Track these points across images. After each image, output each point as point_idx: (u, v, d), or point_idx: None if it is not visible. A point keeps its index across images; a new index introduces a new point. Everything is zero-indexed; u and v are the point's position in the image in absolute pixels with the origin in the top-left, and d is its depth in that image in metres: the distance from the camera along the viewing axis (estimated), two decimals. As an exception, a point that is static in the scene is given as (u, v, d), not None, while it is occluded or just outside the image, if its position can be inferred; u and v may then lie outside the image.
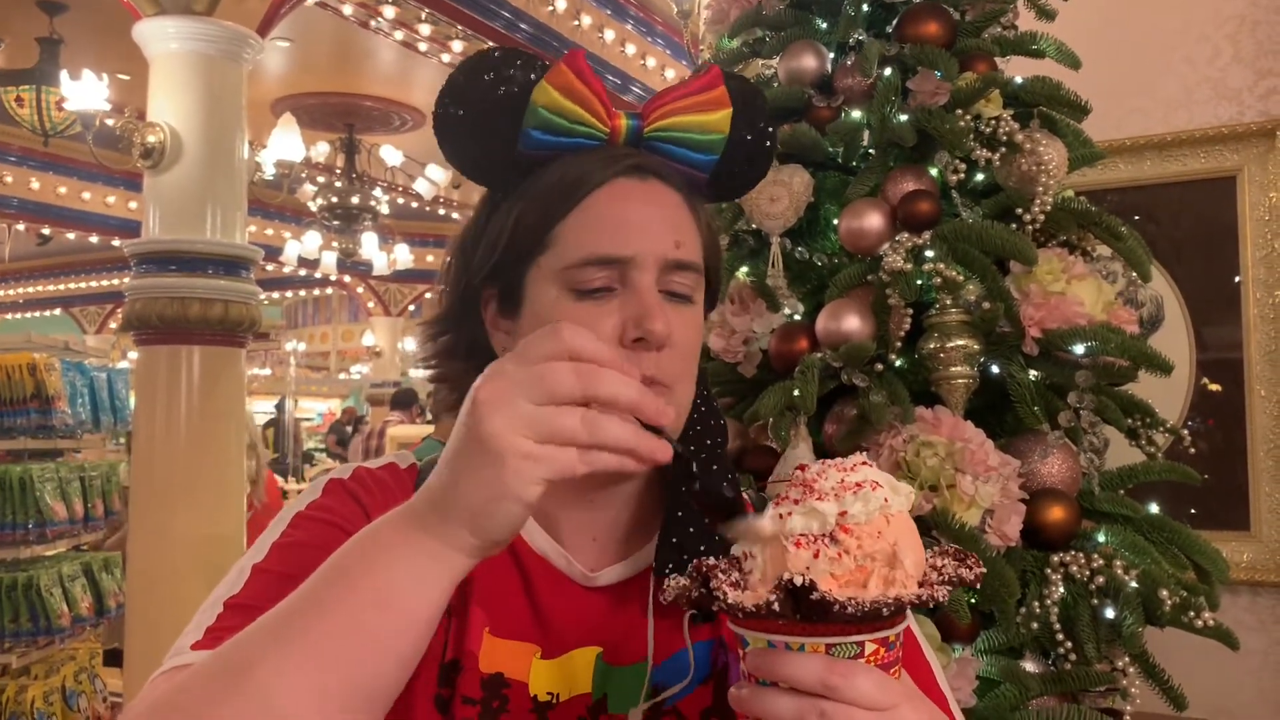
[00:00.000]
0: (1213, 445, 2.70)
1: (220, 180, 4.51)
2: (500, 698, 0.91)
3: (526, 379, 0.72)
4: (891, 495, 0.71)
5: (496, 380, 0.72)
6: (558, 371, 0.72)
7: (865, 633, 0.69)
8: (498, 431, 0.71)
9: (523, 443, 0.71)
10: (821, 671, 0.68)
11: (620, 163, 0.95)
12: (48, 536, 4.45)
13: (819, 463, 0.74)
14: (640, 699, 0.91)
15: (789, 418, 1.78)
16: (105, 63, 6.57)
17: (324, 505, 0.97)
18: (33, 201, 10.58)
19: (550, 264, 0.94)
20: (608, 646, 0.95)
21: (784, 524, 0.70)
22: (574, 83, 0.93)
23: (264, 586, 0.89)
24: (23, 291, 16.22)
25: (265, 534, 0.96)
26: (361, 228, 9.62)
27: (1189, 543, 1.82)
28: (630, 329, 0.91)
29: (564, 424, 0.71)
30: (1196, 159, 2.72)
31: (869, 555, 0.69)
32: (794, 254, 1.96)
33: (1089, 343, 1.73)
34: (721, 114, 0.97)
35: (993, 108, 1.88)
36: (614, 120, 0.96)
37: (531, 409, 0.71)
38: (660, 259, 0.93)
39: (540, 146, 0.94)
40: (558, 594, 0.96)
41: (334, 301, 18.18)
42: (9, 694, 4.40)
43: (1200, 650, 1.85)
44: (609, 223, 0.93)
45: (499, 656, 0.92)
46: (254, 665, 0.73)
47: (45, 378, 4.47)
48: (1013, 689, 1.65)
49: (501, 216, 0.97)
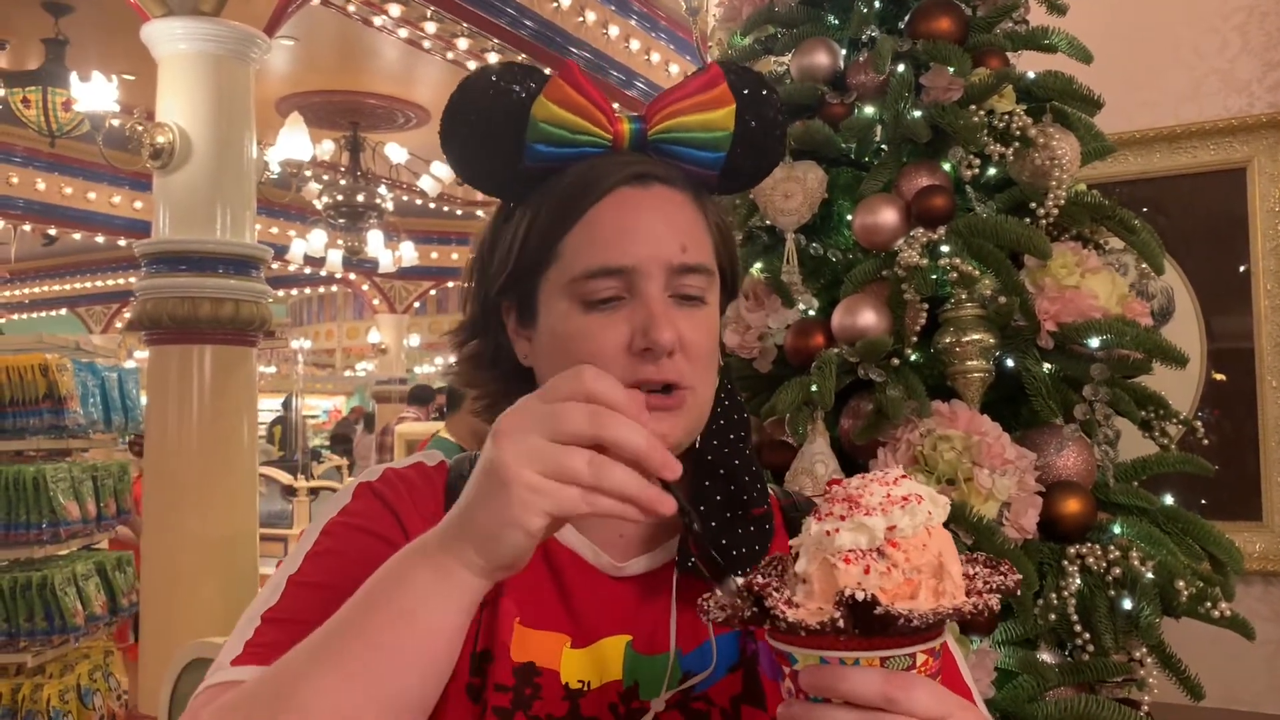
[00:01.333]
0: (1223, 436, 2.70)
1: (229, 180, 4.53)
2: (532, 685, 0.93)
3: (542, 415, 0.74)
4: (933, 508, 0.72)
5: (517, 413, 0.76)
6: (571, 410, 0.74)
7: (917, 644, 0.70)
8: (507, 461, 0.73)
9: (529, 475, 0.73)
10: (882, 685, 0.68)
11: (622, 171, 0.96)
12: (61, 536, 4.47)
13: (858, 477, 0.74)
14: (664, 686, 0.93)
15: (806, 413, 1.79)
16: (110, 63, 6.58)
17: (353, 510, 0.99)
18: (38, 202, 10.60)
19: (558, 277, 0.95)
20: (638, 635, 0.96)
21: (831, 540, 0.71)
22: (571, 95, 0.94)
23: (299, 598, 0.91)
24: (29, 291, 16.25)
25: (300, 543, 0.98)
26: (367, 225, 9.63)
27: (1204, 534, 1.83)
28: (638, 338, 0.92)
29: (570, 463, 0.73)
30: (1206, 151, 2.73)
31: (916, 568, 0.69)
32: (809, 250, 1.97)
33: (1103, 336, 1.73)
34: (725, 111, 0.97)
35: (1006, 103, 1.88)
36: (616, 126, 0.96)
37: (542, 443, 0.73)
38: (665, 265, 0.93)
39: (545, 159, 0.96)
40: (587, 584, 0.98)
41: (339, 299, 18.17)
42: (25, 692, 4.41)
43: (1214, 640, 1.86)
44: (612, 233, 0.94)
45: (530, 646, 0.94)
46: (294, 686, 0.77)
47: (57, 378, 4.48)
48: (1030, 680, 1.66)
49: (512, 228, 0.99)
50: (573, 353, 0.94)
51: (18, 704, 4.42)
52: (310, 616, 0.83)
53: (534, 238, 0.97)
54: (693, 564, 0.94)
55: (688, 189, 0.99)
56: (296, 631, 0.82)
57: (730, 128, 0.97)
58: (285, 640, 0.83)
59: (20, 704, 4.42)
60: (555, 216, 0.96)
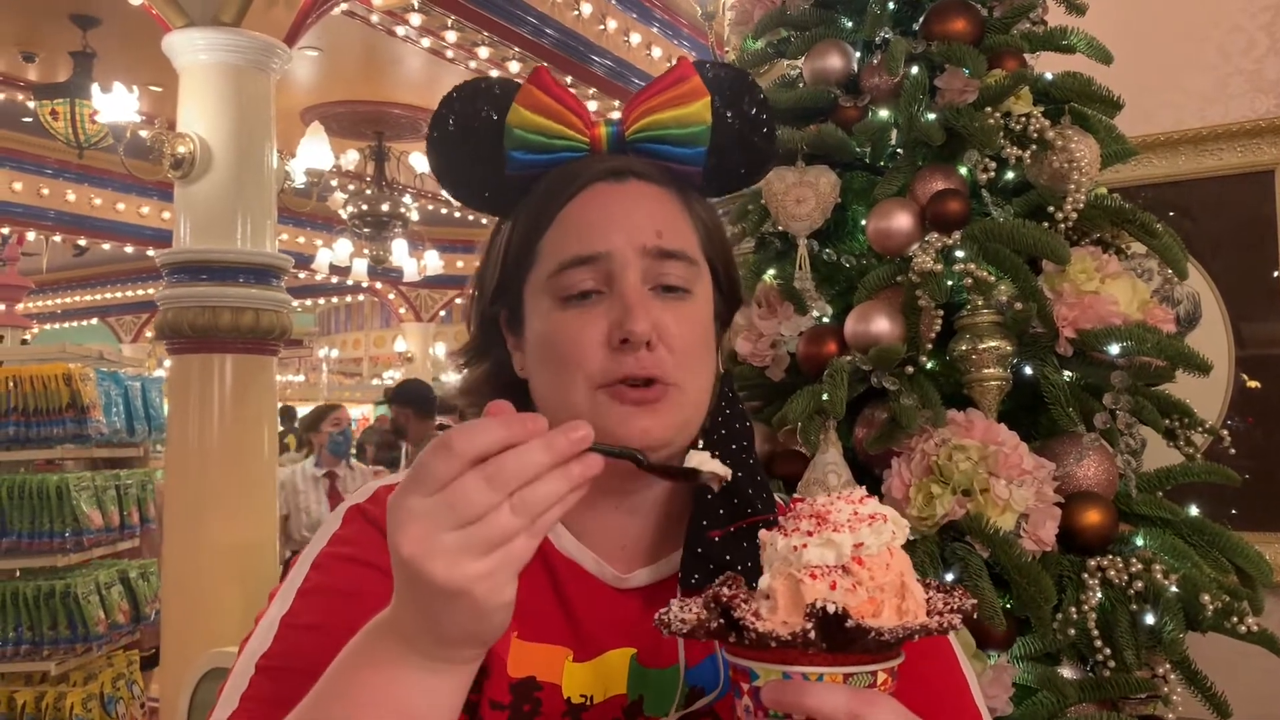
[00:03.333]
0: (1253, 444, 2.65)
1: (250, 189, 4.55)
2: (532, 700, 0.91)
3: (439, 511, 0.68)
4: (896, 528, 0.72)
5: (411, 526, 0.69)
6: (466, 490, 0.68)
7: (879, 662, 0.70)
8: (445, 575, 0.68)
9: (474, 568, 0.68)
10: (847, 700, 0.68)
11: (597, 168, 0.96)
12: (84, 545, 4.50)
13: (824, 496, 0.74)
14: (674, 705, 0.91)
15: (818, 422, 1.76)
16: (138, 75, 6.65)
17: (344, 538, 0.96)
18: (69, 213, 10.75)
19: (539, 276, 0.95)
20: (642, 648, 0.94)
21: (799, 555, 0.70)
22: (543, 99, 0.94)
23: (294, 643, 0.89)
24: (60, 302, 16.47)
25: (291, 576, 0.95)
26: (392, 234, 9.68)
27: (1230, 545, 1.79)
28: (615, 331, 0.90)
29: (497, 528, 0.69)
30: (1233, 153, 2.67)
31: (880, 587, 0.70)
32: (821, 256, 1.94)
33: (1124, 342, 1.69)
34: (699, 104, 0.96)
35: (1023, 104, 1.85)
36: (593, 129, 0.96)
37: (459, 536, 0.68)
38: (639, 249, 0.92)
39: (525, 167, 0.96)
40: (589, 597, 0.96)
41: (366, 308, 18.30)
42: (48, 700, 4.44)
43: (1242, 655, 1.81)
44: (584, 224, 0.94)
45: (529, 660, 0.92)
46: None
47: (80, 387, 4.52)
48: (1050, 697, 1.63)
49: (500, 238, 1.00)
50: (555, 351, 0.93)
51: (41, 712, 4.45)
52: (305, 664, 0.81)
53: (516, 241, 0.97)
54: (696, 580, 0.92)
55: (668, 185, 0.98)
56: (292, 681, 0.81)
57: (706, 121, 0.96)
58: (281, 693, 0.81)
59: (44, 712, 4.45)
60: (533, 218, 0.96)
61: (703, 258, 0.98)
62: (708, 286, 0.99)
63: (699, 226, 0.99)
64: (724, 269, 1.02)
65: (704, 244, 0.99)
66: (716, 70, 1.00)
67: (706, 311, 0.98)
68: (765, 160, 1.04)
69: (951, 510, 1.63)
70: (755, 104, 1.00)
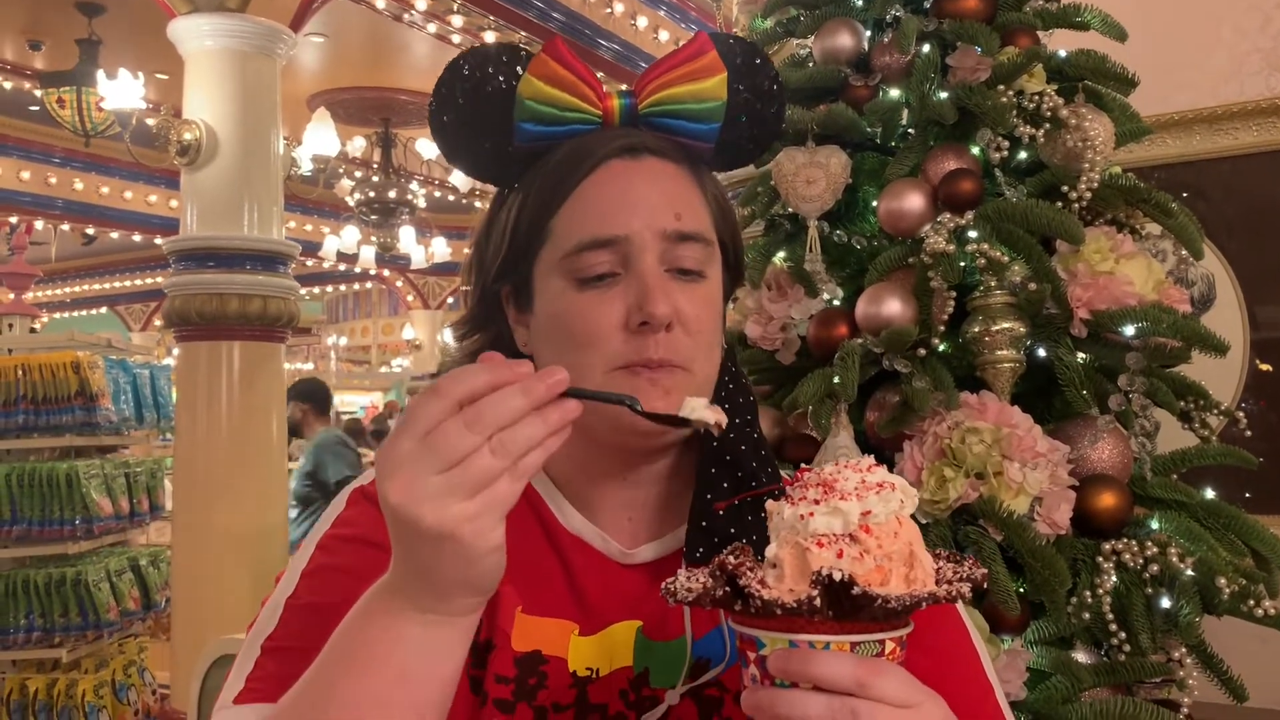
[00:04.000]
0: (1268, 427, 2.63)
1: (256, 176, 4.54)
2: (537, 674, 0.91)
3: (422, 455, 0.70)
4: (905, 497, 0.71)
5: (398, 472, 0.70)
6: (447, 434, 0.69)
7: (887, 631, 0.69)
8: (433, 518, 0.69)
9: (459, 510, 0.69)
10: (853, 668, 0.67)
11: (611, 144, 0.93)
12: (94, 532, 4.51)
13: (831, 464, 0.73)
14: (681, 677, 0.90)
15: (829, 405, 1.74)
16: (144, 62, 6.63)
17: (347, 519, 0.97)
18: (77, 202, 10.74)
19: (551, 255, 0.93)
20: (648, 621, 0.93)
21: (805, 524, 0.70)
22: (557, 70, 0.92)
23: (297, 623, 0.90)
24: (69, 291, 16.49)
25: (295, 559, 0.96)
26: (399, 221, 9.66)
27: (1246, 528, 1.77)
28: (633, 314, 0.89)
29: (479, 469, 0.70)
30: (1248, 132, 2.64)
31: (887, 555, 0.69)
32: (832, 237, 1.92)
33: (1139, 323, 1.67)
34: (716, 80, 0.94)
35: (1036, 83, 1.83)
36: (606, 102, 0.94)
37: (444, 479, 0.69)
38: (659, 233, 0.91)
39: (535, 139, 0.94)
40: (595, 571, 0.95)
41: (374, 295, 18.31)
42: (60, 688, 4.46)
43: (1258, 639, 1.79)
44: (602, 205, 0.91)
45: (534, 634, 0.92)
46: None
47: (89, 375, 4.52)
48: (1064, 681, 1.61)
49: (506, 212, 0.97)
50: (570, 332, 0.92)
51: (53, 699, 4.47)
52: (309, 643, 0.81)
53: (526, 218, 0.94)
54: (701, 554, 0.91)
55: (682, 161, 0.96)
56: (296, 660, 0.81)
57: (722, 97, 0.94)
58: (286, 671, 0.82)
59: (56, 699, 4.47)
60: (545, 194, 0.93)
61: (715, 237, 0.97)
62: (719, 267, 0.98)
63: (712, 204, 0.98)
64: (733, 246, 1.01)
65: (716, 222, 0.98)
66: (731, 44, 0.98)
67: (718, 292, 0.98)
68: (775, 134, 1.03)
69: (964, 493, 1.62)
70: (768, 78, 0.98)
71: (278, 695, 0.81)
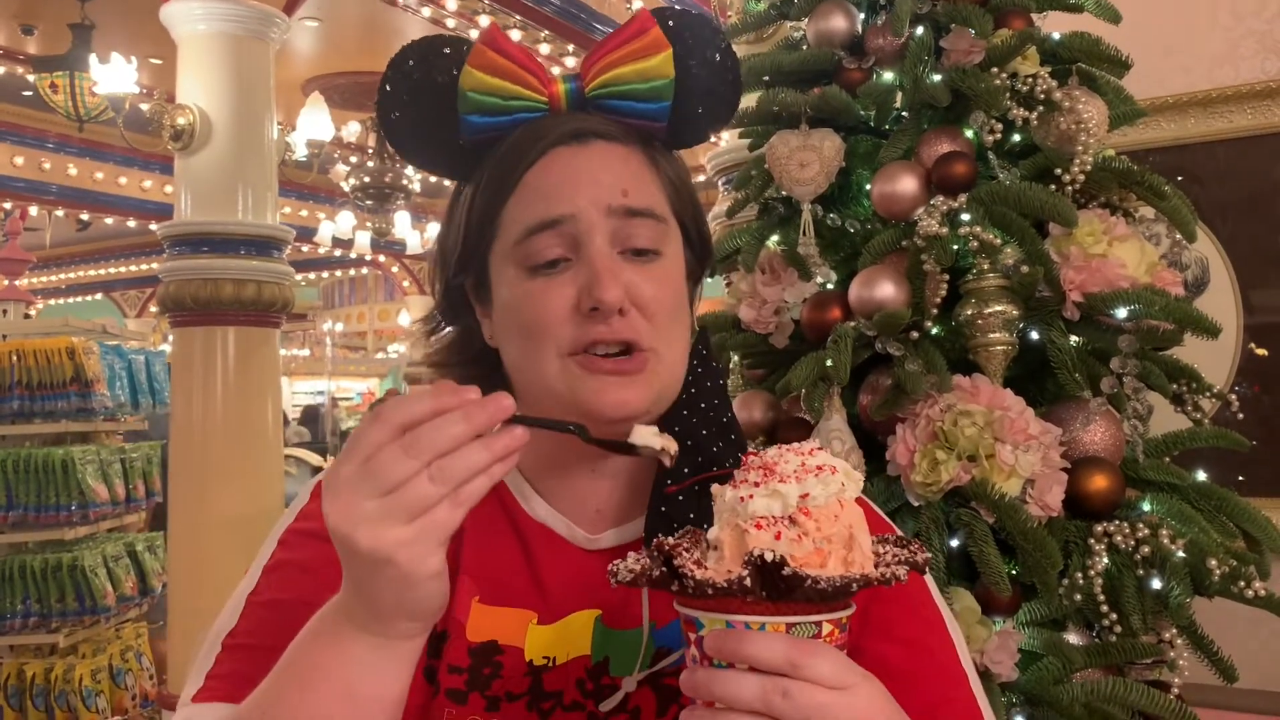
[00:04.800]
0: (1260, 411, 2.63)
1: (250, 161, 4.52)
2: (492, 664, 0.91)
3: (361, 480, 0.71)
4: (847, 480, 0.72)
5: (337, 497, 0.71)
6: (385, 460, 0.70)
7: (824, 613, 0.70)
8: (368, 542, 0.70)
9: (394, 535, 0.70)
10: (786, 649, 0.68)
11: (558, 130, 0.92)
12: (90, 518, 4.52)
13: (775, 448, 0.74)
14: (637, 666, 0.90)
15: (822, 389, 1.74)
16: (137, 47, 6.60)
17: (310, 513, 0.96)
18: (71, 187, 10.69)
19: (503, 245, 0.93)
20: (607, 609, 0.93)
21: (745, 506, 0.71)
22: (495, 59, 0.91)
23: (257, 620, 0.91)
24: (64, 277, 16.44)
25: (260, 553, 0.97)
26: (394, 206, 9.61)
27: (1238, 510, 1.77)
28: (584, 298, 0.88)
29: (417, 496, 0.70)
30: (1243, 115, 2.63)
31: (826, 538, 0.69)
32: (825, 221, 1.92)
33: (1132, 306, 1.67)
34: (661, 57, 0.93)
35: (1029, 65, 1.82)
36: (551, 87, 0.93)
37: (380, 503, 0.70)
38: (605, 209, 0.90)
39: (481, 130, 0.93)
40: (558, 557, 0.95)
41: (370, 281, 18.27)
42: (58, 672, 4.48)
43: (1248, 620, 1.80)
44: (547, 189, 0.91)
45: (491, 624, 0.92)
46: None
47: (84, 361, 4.52)
48: (1056, 662, 1.62)
49: (460, 206, 0.97)
50: (523, 321, 0.91)
51: (51, 684, 4.48)
52: (269, 640, 0.83)
53: (477, 211, 0.94)
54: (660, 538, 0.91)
55: (633, 143, 0.95)
56: (256, 658, 0.82)
57: (670, 74, 0.93)
58: (244, 670, 0.84)
59: (53, 684, 4.48)
60: (494, 185, 0.93)
61: (672, 215, 0.96)
62: (678, 245, 0.97)
63: (666, 183, 0.96)
64: (694, 225, 1.00)
65: (672, 201, 0.96)
66: (677, 18, 0.96)
67: (678, 271, 0.96)
68: (732, 108, 1.01)
69: (957, 476, 1.62)
70: (719, 50, 0.97)
71: (236, 694, 0.82)
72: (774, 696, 0.67)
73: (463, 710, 0.89)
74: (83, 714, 4.45)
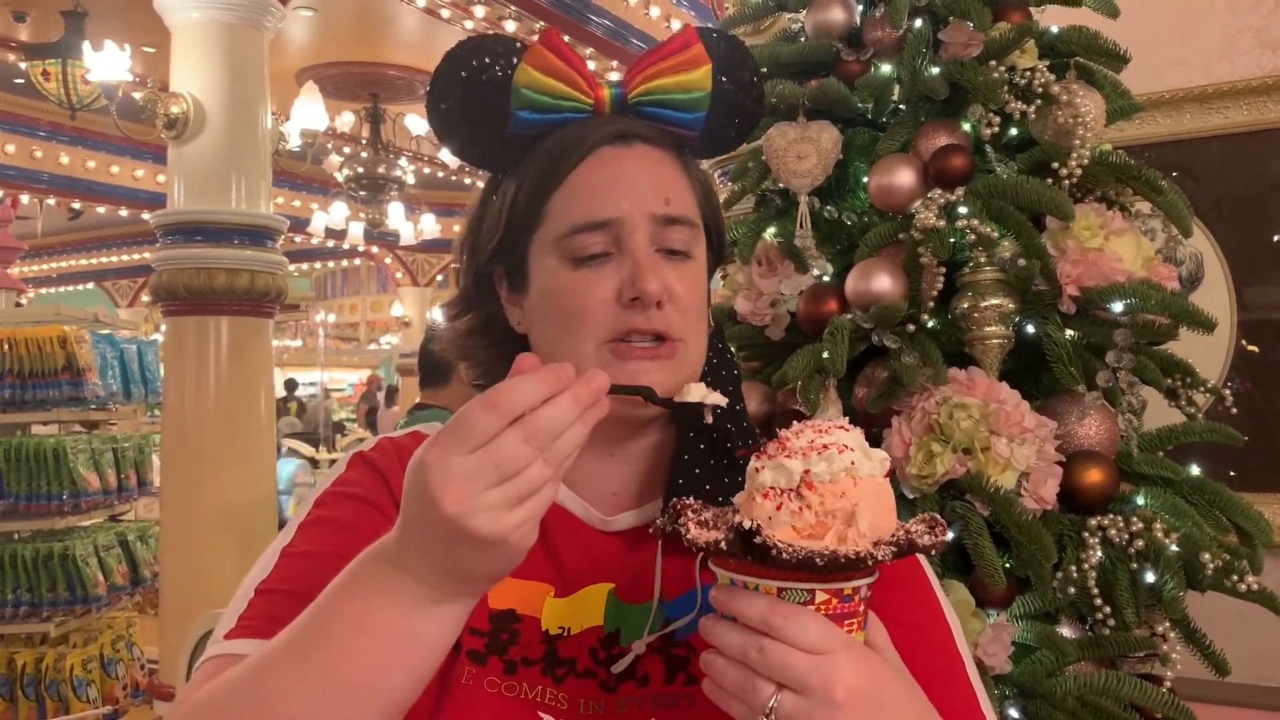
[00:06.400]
0: (1253, 407, 2.64)
1: (244, 150, 4.50)
2: (510, 631, 0.96)
3: (482, 469, 0.72)
4: (861, 459, 0.75)
5: (453, 485, 0.72)
6: (508, 449, 0.72)
7: (816, 581, 0.74)
8: (487, 529, 0.72)
9: (511, 518, 0.73)
10: (765, 610, 0.73)
11: (603, 130, 0.99)
12: (82, 507, 4.51)
13: (802, 424, 0.78)
14: (645, 632, 0.95)
15: (818, 381, 1.74)
16: (131, 35, 6.56)
17: (347, 480, 1.02)
18: (63, 176, 10.64)
19: (546, 237, 0.99)
20: (621, 584, 0.98)
21: (755, 477, 0.76)
22: (552, 61, 0.98)
23: (292, 569, 0.94)
24: (55, 266, 16.37)
25: (295, 516, 1.01)
26: (388, 198, 9.61)
27: (1231, 505, 1.77)
28: (626, 290, 0.95)
29: (530, 479, 0.73)
30: (1239, 111, 2.64)
31: (829, 512, 0.73)
32: (823, 213, 1.91)
33: (1128, 299, 1.67)
34: (701, 71, 1.01)
35: (1027, 59, 1.82)
36: (597, 91, 1.00)
37: (500, 492, 0.73)
38: (649, 216, 0.97)
39: (530, 126, 1.00)
40: (574, 537, 1.00)
41: (362, 272, 18.23)
42: (48, 662, 4.47)
43: (1240, 614, 1.81)
44: (595, 189, 0.97)
45: (511, 594, 0.97)
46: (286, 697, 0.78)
47: (75, 350, 4.51)
48: (1049, 655, 1.62)
49: (501, 196, 1.03)
50: (564, 309, 0.97)
51: (42, 673, 4.48)
52: (304, 588, 0.85)
53: (521, 201, 1.00)
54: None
55: (670, 147, 1.02)
56: (289, 603, 0.84)
57: (707, 88, 1.01)
58: (278, 612, 0.85)
59: (44, 673, 4.48)
60: (541, 178, 0.99)
61: (700, 220, 1.03)
62: (704, 248, 1.04)
63: (697, 189, 1.04)
64: (716, 228, 1.07)
65: (701, 206, 1.04)
66: (715, 38, 1.05)
67: (703, 272, 1.04)
68: (755, 124, 1.10)
69: (952, 469, 1.62)
70: (750, 71, 1.06)
71: (269, 633, 0.83)
72: (751, 651, 0.73)
73: (482, 671, 0.94)
74: (74, 704, 4.44)
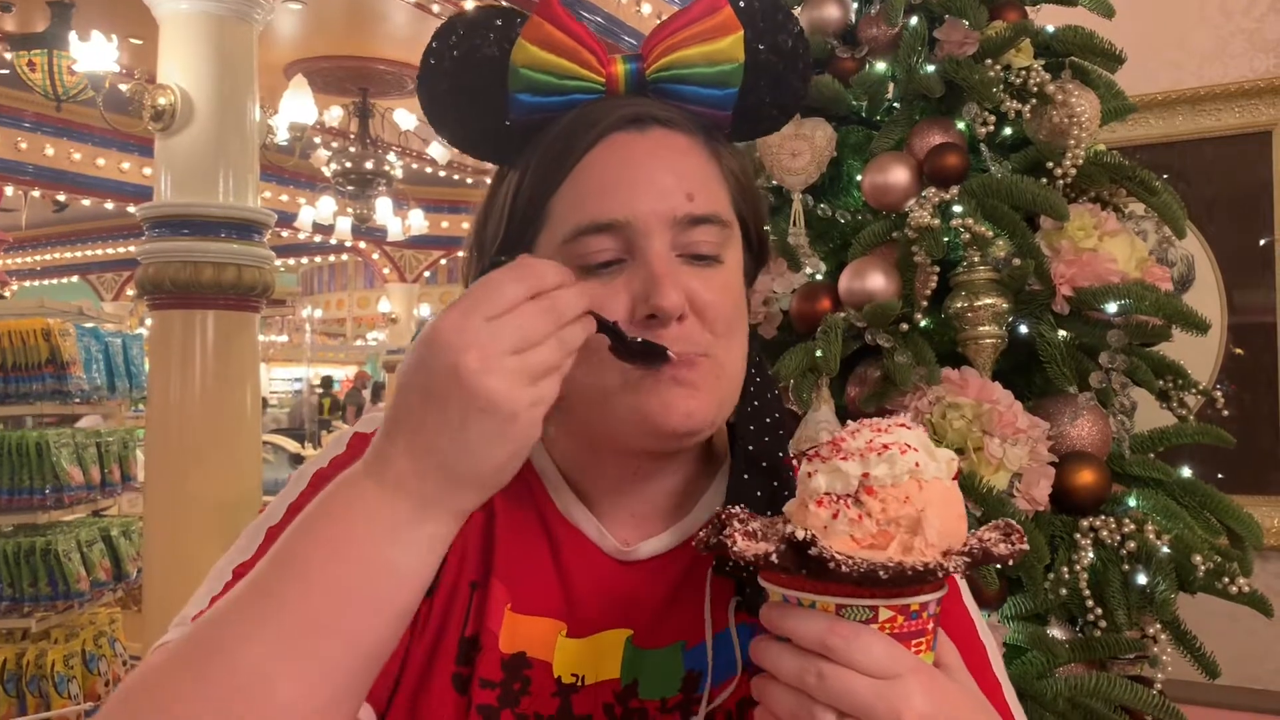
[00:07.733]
0: (1242, 409, 2.64)
1: (232, 142, 4.47)
2: (521, 679, 0.85)
3: (504, 333, 0.69)
4: (926, 460, 0.66)
5: (473, 345, 0.68)
6: (531, 317, 0.70)
7: (879, 597, 0.65)
8: (503, 394, 0.68)
9: (526, 393, 0.69)
10: (823, 630, 0.65)
11: (613, 114, 0.84)
12: (65, 502, 4.46)
13: (858, 422, 0.69)
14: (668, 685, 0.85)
15: (811, 380, 1.73)
16: (117, 26, 6.51)
17: (343, 461, 0.89)
18: (47, 168, 10.55)
19: (550, 240, 0.85)
20: (639, 628, 0.87)
21: (809, 482, 0.67)
22: (553, 33, 0.83)
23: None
24: (40, 259, 16.27)
25: (281, 494, 0.91)
26: (376, 193, 9.58)
27: (1222, 507, 1.78)
28: (640, 306, 0.81)
29: (542, 360, 0.70)
30: (1231, 113, 2.64)
31: (893, 520, 0.65)
32: (816, 211, 1.91)
33: (1122, 300, 1.67)
34: (731, 39, 0.84)
35: (1023, 58, 1.81)
36: (609, 67, 0.85)
37: (517, 360, 0.69)
38: (668, 217, 0.82)
39: (532, 110, 0.85)
40: (588, 568, 0.89)
41: (350, 268, 18.19)
42: (29, 657, 4.43)
43: (1230, 617, 1.81)
44: (603, 184, 0.83)
45: (521, 634, 0.86)
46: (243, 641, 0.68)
47: (60, 343, 4.46)
48: (1040, 656, 1.62)
49: (504, 191, 0.89)
50: None
51: (23, 669, 4.43)
52: None
53: (522, 199, 0.86)
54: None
55: (695, 132, 0.87)
56: None
57: (739, 58, 0.85)
58: None
59: (25, 669, 4.43)
60: (542, 173, 0.85)
61: (734, 216, 0.88)
62: (739, 248, 0.89)
63: (730, 180, 0.89)
64: (755, 225, 0.92)
65: (735, 199, 0.89)
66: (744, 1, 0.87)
67: (738, 276, 0.89)
68: (800, 100, 0.92)
69: (944, 469, 1.61)
70: (790, 35, 0.88)
71: None
72: (809, 676, 0.65)
73: None
74: (55, 700, 4.40)
